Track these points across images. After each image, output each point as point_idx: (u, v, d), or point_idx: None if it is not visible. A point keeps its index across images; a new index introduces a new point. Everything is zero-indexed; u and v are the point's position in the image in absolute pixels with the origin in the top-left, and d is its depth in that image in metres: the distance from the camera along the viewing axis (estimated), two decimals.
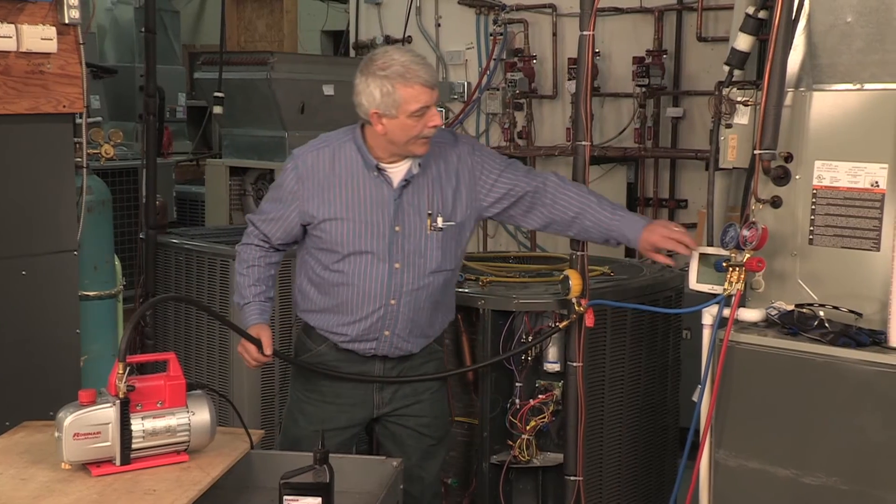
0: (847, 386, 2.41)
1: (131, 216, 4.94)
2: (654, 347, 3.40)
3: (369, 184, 2.69)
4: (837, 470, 2.43)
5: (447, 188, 2.74)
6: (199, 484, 2.10)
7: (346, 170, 2.70)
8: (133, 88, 6.44)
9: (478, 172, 2.77)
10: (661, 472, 3.49)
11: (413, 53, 2.66)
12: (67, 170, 3.30)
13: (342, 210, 2.69)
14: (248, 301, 2.79)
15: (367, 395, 2.83)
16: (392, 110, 2.59)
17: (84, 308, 3.47)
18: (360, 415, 2.84)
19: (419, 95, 2.58)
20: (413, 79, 2.57)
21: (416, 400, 2.85)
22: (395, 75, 2.57)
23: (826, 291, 2.58)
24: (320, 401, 2.82)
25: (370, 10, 6.80)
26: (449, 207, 2.74)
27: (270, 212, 2.78)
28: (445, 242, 2.74)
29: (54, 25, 3.11)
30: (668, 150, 5.58)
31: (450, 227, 2.73)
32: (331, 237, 2.70)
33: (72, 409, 2.12)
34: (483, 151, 2.83)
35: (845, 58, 2.55)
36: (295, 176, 2.72)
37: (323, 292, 2.77)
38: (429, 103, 2.60)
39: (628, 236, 2.76)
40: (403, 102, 2.58)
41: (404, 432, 2.86)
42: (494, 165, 2.79)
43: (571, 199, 2.78)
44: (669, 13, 5.55)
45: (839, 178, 2.57)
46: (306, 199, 2.71)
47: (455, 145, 2.79)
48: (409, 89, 2.57)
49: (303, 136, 5.56)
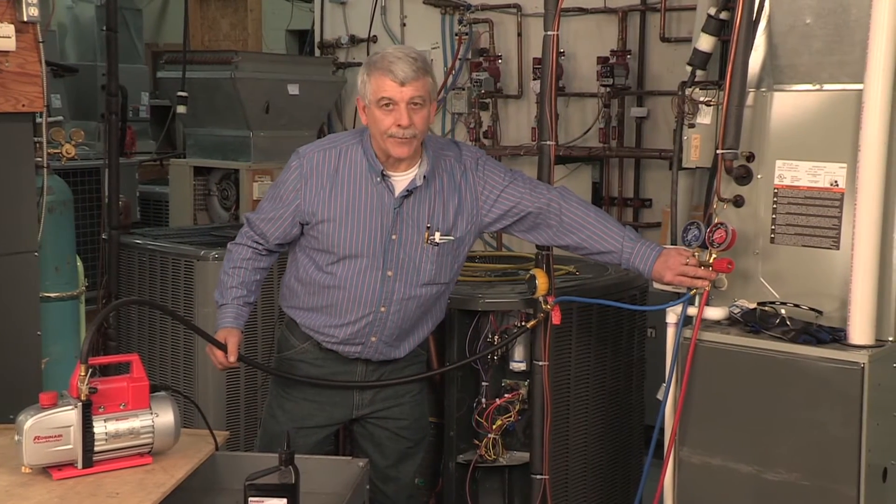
0: (808, 382, 2.44)
1: (94, 216, 4.88)
2: (619, 346, 3.42)
3: (371, 189, 2.67)
4: (799, 466, 2.46)
5: (449, 203, 2.71)
6: (163, 486, 2.08)
7: (350, 172, 2.68)
8: (95, 87, 6.35)
9: (480, 188, 2.74)
10: (626, 470, 3.51)
11: (409, 50, 2.62)
12: (28, 170, 3.25)
13: (341, 212, 2.67)
14: (226, 303, 2.77)
15: (347, 395, 2.82)
16: (366, 98, 2.62)
17: (45, 309, 3.42)
18: (339, 414, 2.84)
19: (384, 86, 2.57)
20: (384, 69, 2.57)
21: (397, 403, 2.85)
22: (373, 63, 2.61)
23: (787, 290, 2.61)
24: (300, 398, 2.81)
25: (335, 9, 6.78)
26: (449, 222, 2.71)
27: (270, 211, 2.75)
28: (441, 257, 2.72)
29: (12, 23, 3.06)
30: (633, 150, 5.62)
31: (447, 243, 2.71)
32: (327, 238, 2.69)
33: (32, 411, 2.09)
34: (487, 165, 2.77)
35: (805, 58, 2.59)
36: (298, 174, 2.70)
37: (312, 292, 2.75)
38: (394, 97, 2.57)
39: (639, 268, 2.68)
40: (372, 91, 2.60)
41: (383, 434, 2.86)
42: (498, 181, 2.74)
43: (578, 222, 2.72)
44: (633, 13, 5.58)
45: (800, 178, 2.60)
46: (307, 198, 2.68)
47: (460, 158, 2.75)
48: (377, 79, 2.58)
49: (267, 136, 5.57)
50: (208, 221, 5.70)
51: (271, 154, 5.60)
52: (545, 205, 2.73)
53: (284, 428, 2.75)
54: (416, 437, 2.91)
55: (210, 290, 2.91)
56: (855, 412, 2.37)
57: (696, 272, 2.57)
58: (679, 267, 2.59)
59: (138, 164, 6.26)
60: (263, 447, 2.85)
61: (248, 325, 2.86)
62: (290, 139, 5.74)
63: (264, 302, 3.75)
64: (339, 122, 6.71)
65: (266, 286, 2.95)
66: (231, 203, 5.70)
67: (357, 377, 2.81)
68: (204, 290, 3.78)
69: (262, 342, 3.86)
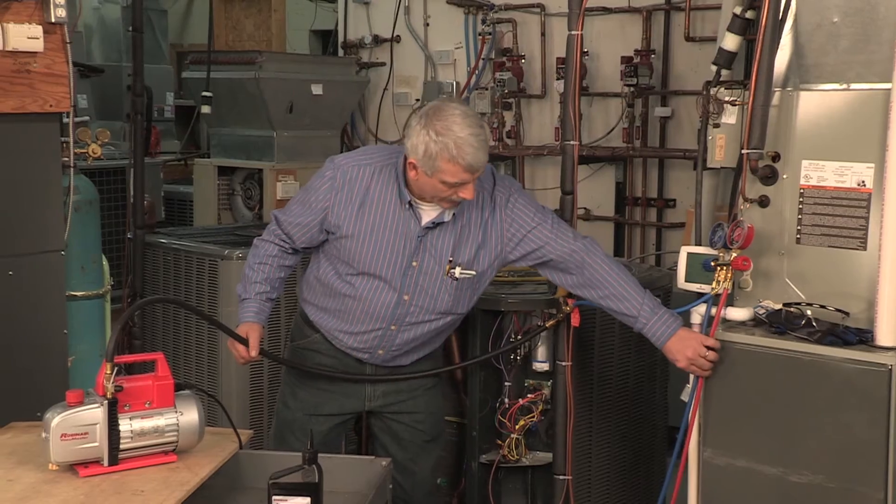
0: (834, 384, 2.42)
1: (119, 216, 4.91)
2: (642, 346, 3.40)
3: (399, 214, 2.66)
4: (824, 468, 2.44)
5: (474, 239, 2.70)
6: (187, 484, 2.09)
7: (380, 193, 2.67)
8: (120, 88, 6.40)
9: (507, 225, 2.70)
10: (649, 471, 3.50)
11: (476, 127, 2.54)
12: (54, 169, 3.29)
13: (366, 231, 2.67)
14: (249, 297, 2.78)
15: (359, 387, 2.85)
16: (428, 170, 2.56)
17: (71, 308, 3.45)
18: (351, 405, 2.86)
19: (458, 174, 2.53)
20: (459, 159, 2.51)
21: (411, 396, 2.86)
22: (445, 147, 2.51)
23: (813, 290, 2.59)
24: (313, 387, 2.84)
25: (358, 9, 6.79)
26: (471, 257, 2.70)
27: (298, 215, 2.75)
28: (460, 291, 2.73)
29: (40, 24, 3.10)
30: (657, 150, 5.59)
31: (467, 277, 2.71)
32: (348, 253, 2.70)
33: (59, 409, 2.11)
34: (518, 203, 2.72)
35: (831, 58, 2.57)
36: (331, 185, 2.69)
37: (329, 294, 2.77)
38: (465, 181, 2.55)
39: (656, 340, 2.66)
40: (441, 172, 2.54)
41: (399, 427, 2.88)
42: (526, 221, 2.70)
43: (598, 279, 2.68)
44: (657, 13, 5.56)
45: (826, 178, 2.58)
46: (335, 210, 2.68)
47: (492, 192, 2.72)
48: (450, 165, 2.52)
49: (291, 136, 5.60)
50: (232, 221, 5.73)
51: (295, 154, 5.62)
52: (568, 254, 2.70)
53: (297, 416, 2.79)
54: (432, 430, 2.92)
55: (234, 289, 2.92)
56: (882, 414, 2.35)
57: (708, 365, 2.55)
58: (695, 357, 2.56)
59: (163, 164, 6.30)
60: (276, 435, 2.90)
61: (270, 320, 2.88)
62: (313, 139, 5.76)
63: (287, 296, 3.76)
64: (362, 122, 6.73)
65: (289, 281, 2.97)
66: (255, 203, 5.73)
67: (367, 373, 2.83)
68: (227, 290, 3.80)
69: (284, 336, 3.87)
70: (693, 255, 2.66)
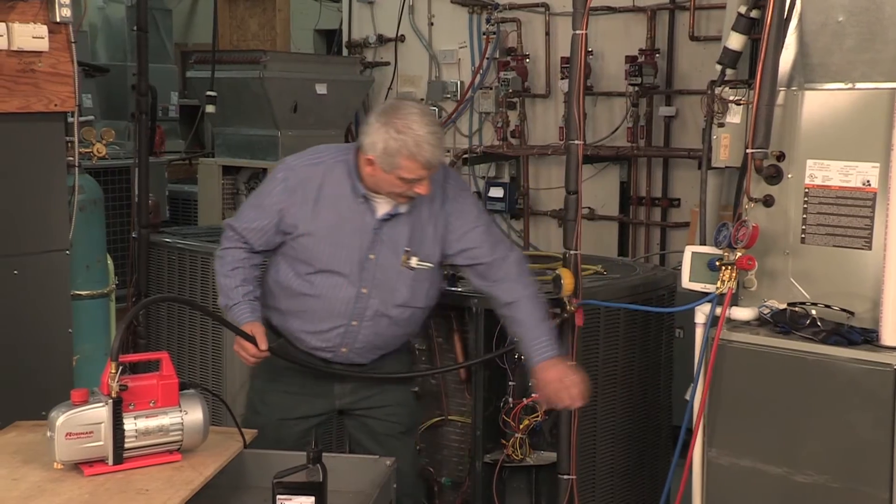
0: (838, 384, 2.42)
1: (124, 215, 4.92)
2: (646, 346, 3.40)
3: (353, 208, 2.72)
4: (828, 468, 2.44)
5: (428, 229, 2.77)
6: (191, 483, 2.10)
7: (334, 189, 2.72)
8: (125, 87, 6.40)
9: (454, 217, 2.79)
10: (654, 470, 3.49)
11: (434, 125, 2.64)
12: (59, 169, 3.29)
13: (323, 227, 2.72)
14: (237, 301, 2.79)
15: (328, 386, 2.88)
16: (386, 167, 2.62)
17: (76, 307, 3.46)
18: (321, 405, 2.90)
19: (416, 170, 2.61)
20: (418, 156, 2.58)
21: (381, 391, 2.91)
22: (404, 144, 2.58)
23: (818, 290, 2.59)
24: (283, 391, 2.86)
25: (363, 8, 6.80)
26: (427, 248, 2.77)
27: (254, 220, 2.78)
28: (417, 282, 2.78)
29: (45, 24, 3.10)
30: (661, 149, 5.59)
31: (424, 268, 2.77)
32: (305, 251, 2.74)
33: (64, 408, 2.11)
34: (468, 199, 2.84)
35: (837, 57, 2.56)
36: (284, 187, 2.73)
37: (289, 296, 2.80)
38: (422, 177, 2.63)
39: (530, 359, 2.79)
40: (399, 168, 2.60)
41: (373, 422, 2.92)
42: (471, 218, 2.80)
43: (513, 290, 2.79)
44: (662, 12, 5.56)
45: (831, 177, 2.57)
46: (290, 210, 2.72)
47: (444, 185, 2.79)
48: (410, 162, 2.59)
49: (295, 135, 5.60)
50: None
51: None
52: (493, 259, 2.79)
53: (268, 420, 2.79)
54: (406, 421, 2.96)
55: None
56: (887, 414, 2.35)
57: (565, 401, 2.74)
58: (556, 383, 2.72)
59: (167, 164, 6.31)
60: None
61: None
62: (317, 138, 5.70)
63: None
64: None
65: None
66: None
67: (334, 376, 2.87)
68: None
69: None
70: (697, 255, 2.66)
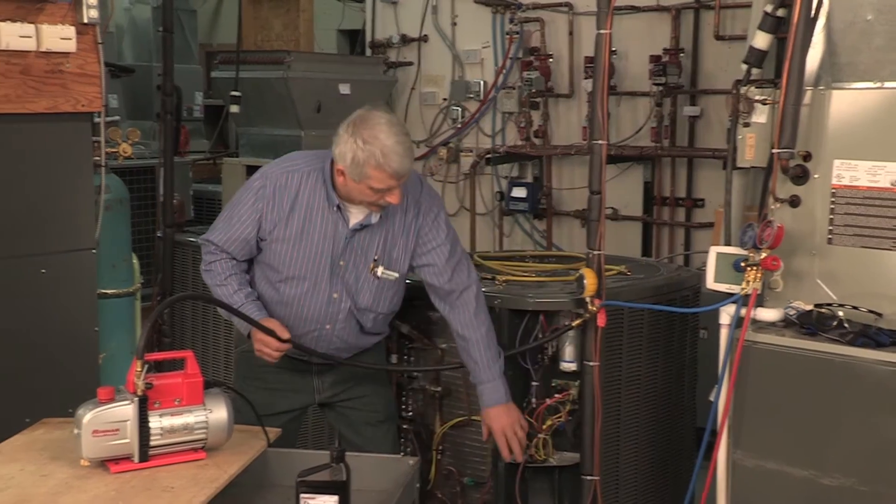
0: (866, 386, 2.39)
1: (149, 215, 4.96)
2: (670, 347, 3.39)
3: (327, 216, 2.77)
4: (855, 471, 2.41)
5: (398, 241, 2.83)
6: (216, 481, 2.11)
7: (309, 197, 2.77)
8: (150, 87, 6.45)
9: (424, 231, 2.85)
10: (677, 472, 3.47)
11: (402, 135, 2.66)
12: (86, 168, 3.32)
13: (296, 234, 2.77)
14: (241, 303, 2.82)
15: (308, 381, 2.97)
16: (356, 177, 2.66)
17: (102, 306, 3.49)
18: (301, 399, 2.98)
19: (385, 180, 2.64)
20: (386, 166, 2.62)
21: (358, 382, 3.00)
22: (371, 154, 2.61)
23: (845, 291, 2.56)
24: (263, 388, 2.91)
25: (386, 9, 6.81)
26: (393, 259, 2.84)
27: (234, 231, 2.81)
28: (380, 290, 2.85)
29: (73, 25, 3.13)
30: (685, 149, 5.56)
31: (389, 278, 2.84)
32: (277, 257, 2.79)
33: (91, 406, 2.13)
34: (439, 217, 2.88)
35: (865, 56, 2.54)
36: (262, 193, 2.78)
37: (265, 304, 2.85)
38: (392, 187, 2.66)
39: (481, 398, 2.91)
40: (368, 178, 2.65)
41: (352, 412, 3.02)
42: (439, 235, 2.85)
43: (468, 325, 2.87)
44: (686, 11, 5.53)
45: (859, 178, 2.55)
46: (268, 217, 2.78)
47: (418, 198, 2.84)
48: (378, 172, 2.63)
49: (319, 135, 5.61)
50: None
51: None
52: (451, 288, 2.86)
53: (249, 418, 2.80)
54: (384, 410, 3.05)
55: None
56: None
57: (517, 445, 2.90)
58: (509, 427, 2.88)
59: (192, 163, 6.35)
60: None
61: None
62: None
63: None
64: None
65: None
66: None
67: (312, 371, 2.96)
68: None
69: None
70: (722, 256, 2.64)
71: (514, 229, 6.35)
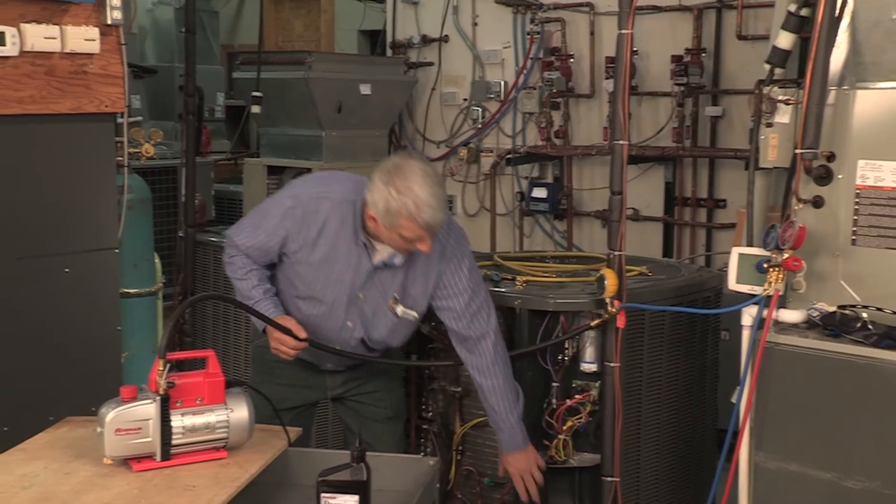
0: (890, 389, 2.37)
1: (171, 215, 4.99)
2: (692, 348, 3.37)
3: (352, 249, 2.77)
4: (880, 473, 2.39)
5: (419, 283, 2.83)
6: (237, 480, 2.12)
7: (337, 227, 2.77)
8: (173, 88, 6.49)
9: (446, 277, 2.83)
10: (699, 474, 3.46)
11: (436, 186, 2.64)
12: (109, 169, 3.35)
13: (318, 261, 2.78)
14: (258, 299, 2.83)
15: (320, 377, 3.01)
16: (387, 224, 2.65)
17: (124, 305, 3.51)
18: (314, 395, 3.05)
19: (416, 230, 2.63)
20: (418, 217, 2.60)
21: (370, 378, 3.05)
22: (404, 205, 2.60)
23: (869, 292, 2.54)
24: (276, 383, 2.94)
25: (407, 9, 6.81)
26: (415, 298, 2.85)
27: (257, 238, 2.81)
28: (397, 328, 2.88)
29: (97, 26, 3.16)
30: (707, 150, 5.52)
31: (408, 317, 2.85)
32: (300, 276, 2.81)
33: (113, 404, 2.15)
34: (463, 262, 2.85)
35: (890, 55, 2.51)
36: (291, 214, 2.77)
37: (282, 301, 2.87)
38: (423, 237, 2.65)
39: (500, 442, 2.95)
40: (400, 227, 2.64)
41: (362, 407, 3.06)
42: (461, 282, 2.83)
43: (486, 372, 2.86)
44: (709, 11, 5.49)
45: (884, 178, 2.53)
46: (292, 237, 2.78)
47: (445, 243, 2.82)
48: (410, 222, 2.62)
49: (339, 136, 5.64)
50: None
51: (343, 154, 5.66)
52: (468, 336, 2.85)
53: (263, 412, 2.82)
54: (394, 407, 3.10)
55: None
56: None
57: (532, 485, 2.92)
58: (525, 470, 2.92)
59: (214, 164, 6.38)
60: None
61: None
62: (361, 139, 5.79)
63: None
64: (410, 122, 6.74)
65: None
66: None
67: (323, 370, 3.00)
68: None
69: None
70: (744, 257, 2.63)
71: (535, 230, 6.33)
